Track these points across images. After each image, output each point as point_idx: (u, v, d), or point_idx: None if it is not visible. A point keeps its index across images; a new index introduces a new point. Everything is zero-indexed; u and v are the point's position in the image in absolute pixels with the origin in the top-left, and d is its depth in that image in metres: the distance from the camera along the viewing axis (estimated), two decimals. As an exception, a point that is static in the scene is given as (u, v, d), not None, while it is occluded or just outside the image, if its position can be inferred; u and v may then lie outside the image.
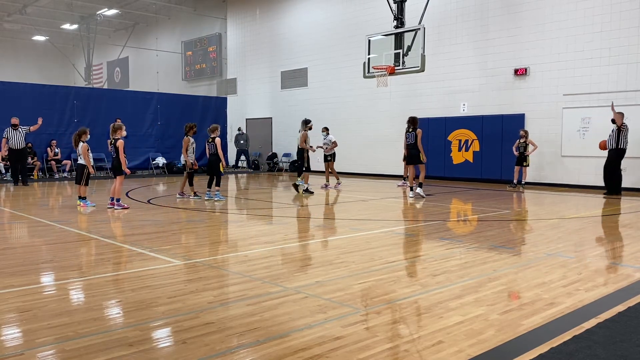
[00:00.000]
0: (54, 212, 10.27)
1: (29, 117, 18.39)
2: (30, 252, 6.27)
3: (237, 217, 9.82)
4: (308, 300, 4.31)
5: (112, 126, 10.27)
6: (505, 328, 3.66)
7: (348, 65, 19.80)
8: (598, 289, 4.67)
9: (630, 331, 3.61)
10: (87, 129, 10.28)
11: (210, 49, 26.89)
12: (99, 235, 7.27)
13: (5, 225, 8.47)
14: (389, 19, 14.45)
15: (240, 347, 3.32)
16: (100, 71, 33.83)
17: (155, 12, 28.03)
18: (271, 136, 23.96)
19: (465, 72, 16.83)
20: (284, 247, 6.58)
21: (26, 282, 4.84)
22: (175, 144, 22.06)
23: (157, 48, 28.49)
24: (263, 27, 23.73)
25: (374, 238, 7.20)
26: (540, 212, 10.13)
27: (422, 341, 3.43)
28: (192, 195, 11.76)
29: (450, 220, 9.19)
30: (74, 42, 32.56)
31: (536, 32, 15.21)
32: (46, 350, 3.26)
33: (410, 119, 12.32)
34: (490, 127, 16.26)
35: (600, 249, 6.47)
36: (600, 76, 14.11)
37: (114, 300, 4.33)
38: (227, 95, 25.22)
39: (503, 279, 5.04)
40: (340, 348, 3.28)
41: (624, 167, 13.21)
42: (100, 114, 19.73)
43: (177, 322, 3.77)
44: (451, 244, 6.75)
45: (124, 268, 5.52)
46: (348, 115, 20.21)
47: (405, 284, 4.83)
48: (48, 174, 18.60)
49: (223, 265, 5.67)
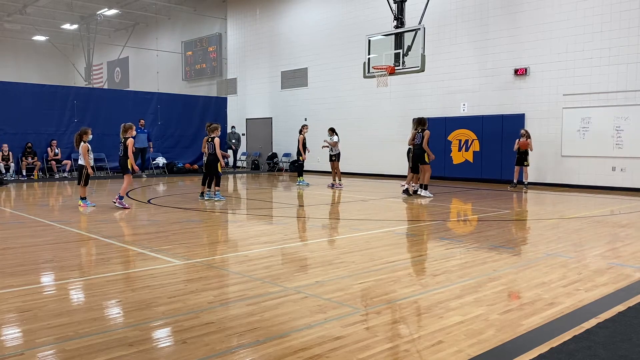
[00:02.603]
0: (54, 212, 10.27)
1: (29, 117, 18.46)
2: (30, 252, 6.27)
3: (237, 217, 9.81)
4: (308, 300, 4.31)
5: (122, 126, 10.35)
6: (505, 328, 3.66)
7: (348, 65, 19.80)
8: (598, 289, 4.67)
9: (630, 331, 3.61)
10: (89, 129, 10.32)
11: (210, 49, 26.89)
12: (99, 235, 7.27)
13: (5, 225, 8.47)
14: (389, 19, 14.44)
15: (240, 347, 3.32)
16: (100, 71, 33.83)
17: (155, 12, 28.02)
18: (271, 136, 23.96)
19: (465, 72, 16.83)
20: (284, 247, 6.58)
21: (26, 282, 4.84)
22: (175, 144, 22.11)
23: (157, 48, 28.49)
24: (263, 27, 23.73)
25: (374, 238, 7.20)
26: (540, 212, 10.13)
27: (422, 341, 3.43)
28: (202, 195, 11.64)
29: (451, 220, 9.19)
30: (74, 42, 32.56)
31: (536, 32, 15.21)
32: (46, 350, 3.26)
33: (419, 120, 12.47)
34: (490, 127, 16.25)
35: (600, 249, 6.47)
36: (600, 76, 14.11)
37: (114, 300, 4.33)
38: (227, 95, 25.22)
39: (503, 279, 5.04)
40: (340, 348, 3.29)
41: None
42: (100, 114, 19.73)
43: (177, 322, 3.77)
44: (451, 244, 6.75)
45: (124, 268, 5.52)
46: (348, 115, 20.21)
47: (405, 284, 4.83)
48: (48, 174, 18.60)
49: (223, 265, 5.67)
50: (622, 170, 13.75)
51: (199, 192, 11.84)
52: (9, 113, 18.00)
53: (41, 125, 18.75)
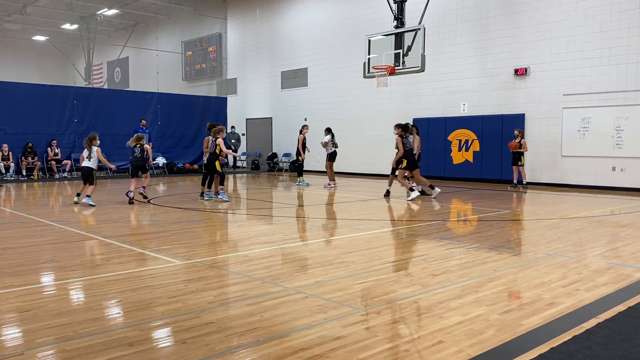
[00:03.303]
0: (54, 212, 10.27)
1: (29, 117, 18.45)
2: (30, 252, 6.26)
3: (237, 217, 9.81)
4: (308, 300, 4.31)
5: (136, 136, 11.47)
6: (505, 328, 3.66)
7: (348, 65, 19.80)
8: (598, 289, 4.67)
9: (630, 331, 3.61)
10: (97, 134, 10.98)
11: (210, 49, 26.89)
12: (99, 235, 7.27)
13: (6, 225, 8.47)
14: (389, 19, 14.44)
15: (240, 347, 3.32)
16: (100, 71, 33.83)
17: (155, 12, 28.02)
18: (271, 136, 23.96)
19: (465, 72, 16.83)
20: (284, 247, 6.58)
21: (26, 282, 4.84)
22: (175, 144, 22.10)
23: (157, 48, 28.49)
24: (263, 27, 23.72)
25: (374, 238, 7.20)
26: (540, 212, 10.13)
27: (422, 341, 3.43)
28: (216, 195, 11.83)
29: (450, 220, 9.19)
30: (74, 42, 32.57)
31: (536, 32, 15.21)
32: (46, 350, 3.26)
33: (406, 126, 12.24)
34: (490, 127, 16.25)
35: (601, 249, 6.47)
36: (600, 76, 14.11)
37: (114, 300, 4.33)
38: (227, 95, 25.22)
39: (503, 279, 5.04)
40: (340, 348, 3.28)
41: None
42: (100, 114, 19.74)
43: (177, 322, 3.77)
44: (451, 244, 6.75)
45: (124, 268, 5.52)
46: (348, 115, 20.21)
47: (405, 284, 4.83)
48: (48, 173, 18.60)
49: (223, 265, 5.67)
50: (622, 170, 13.75)
51: (199, 192, 11.86)
52: (9, 113, 17.99)
53: (41, 125, 18.74)
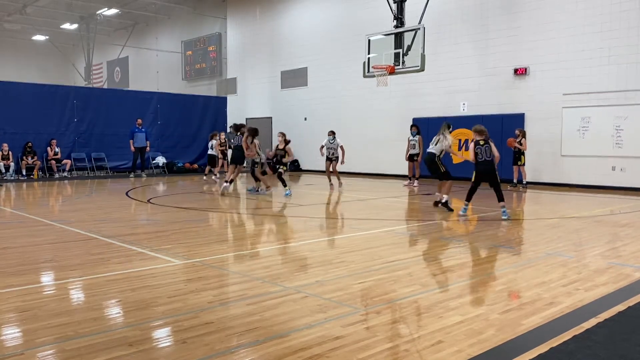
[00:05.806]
0: (54, 211, 10.27)
1: (29, 117, 18.45)
2: (30, 251, 6.26)
3: (237, 217, 9.81)
4: (308, 299, 4.31)
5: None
6: (505, 328, 3.66)
7: (348, 65, 19.78)
8: (598, 288, 4.67)
9: (630, 331, 3.61)
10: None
11: (210, 49, 26.87)
12: (99, 235, 7.26)
13: (6, 224, 8.46)
14: (389, 18, 14.44)
15: (240, 347, 3.32)
16: (100, 71, 33.81)
17: (155, 11, 28.00)
18: (271, 136, 23.94)
19: (465, 72, 16.82)
20: (284, 247, 6.58)
21: (26, 282, 4.84)
22: (175, 144, 22.09)
23: (157, 48, 28.46)
24: (263, 27, 23.71)
25: (374, 238, 7.20)
26: (540, 211, 10.13)
27: (422, 341, 3.43)
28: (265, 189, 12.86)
29: (451, 220, 9.19)
30: (74, 42, 32.55)
31: (536, 32, 15.20)
32: (46, 350, 3.26)
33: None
34: (490, 126, 16.14)
35: (600, 248, 6.47)
36: (600, 76, 14.10)
37: (114, 300, 4.33)
38: (227, 95, 25.19)
39: (503, 278, 5.04)
40: (340, 348, 3.28)
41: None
42: (100, 113, 19.73)
43: (177, 321, 3.77)
44: (451, 244, 6.75)
45: (124, 268, 5.52)
46: (348, 115, 20.20)
47: (405, 284, 4.83)
48: (48, 173, 18.59)
49: (223, 265, 5.67)
50: (621, 170, 13.74)
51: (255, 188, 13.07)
52: (9, 113, 17.98)
53: (41, 124, 18.73)
